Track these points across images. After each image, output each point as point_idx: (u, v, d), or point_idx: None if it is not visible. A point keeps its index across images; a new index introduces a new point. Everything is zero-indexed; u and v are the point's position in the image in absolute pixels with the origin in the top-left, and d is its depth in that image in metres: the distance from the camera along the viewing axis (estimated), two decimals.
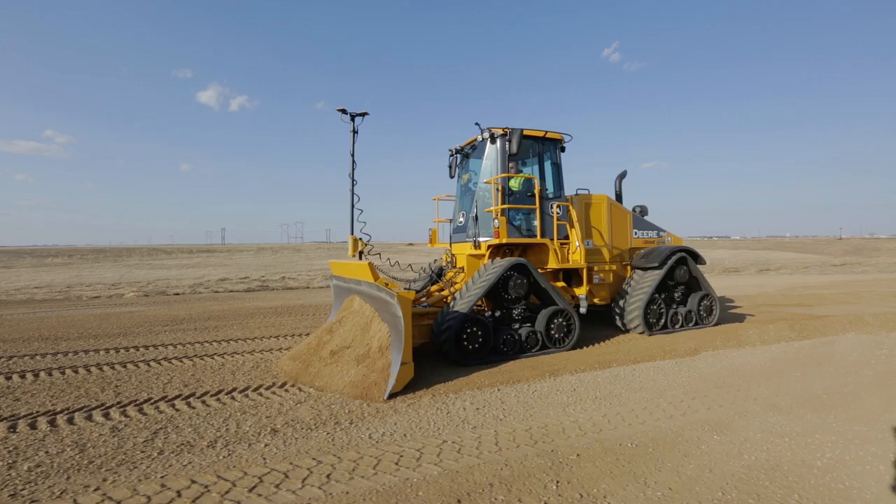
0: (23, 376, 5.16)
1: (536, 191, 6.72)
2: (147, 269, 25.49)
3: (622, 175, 8.33)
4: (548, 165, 7.31)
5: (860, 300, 11.09)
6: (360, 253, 6.21)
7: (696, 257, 7.99)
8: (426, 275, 7.85)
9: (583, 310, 6.70)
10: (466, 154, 7.74)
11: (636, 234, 7.99)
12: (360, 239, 6.27)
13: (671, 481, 2.84)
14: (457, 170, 8.01)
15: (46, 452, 3.24)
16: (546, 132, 7.06)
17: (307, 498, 2.63)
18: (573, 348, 6.33)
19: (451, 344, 5.41)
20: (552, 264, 6.71)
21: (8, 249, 75.92)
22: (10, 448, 3.32)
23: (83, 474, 2.93)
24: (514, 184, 6.79)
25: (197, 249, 64.67)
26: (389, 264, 7.63)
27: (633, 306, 7.07)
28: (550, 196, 7.11)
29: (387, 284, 4.80)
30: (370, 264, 5.19)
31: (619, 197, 8.17)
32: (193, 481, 2.82)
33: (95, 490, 2.73)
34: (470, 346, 5.56)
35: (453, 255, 7.63)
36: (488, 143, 6.94)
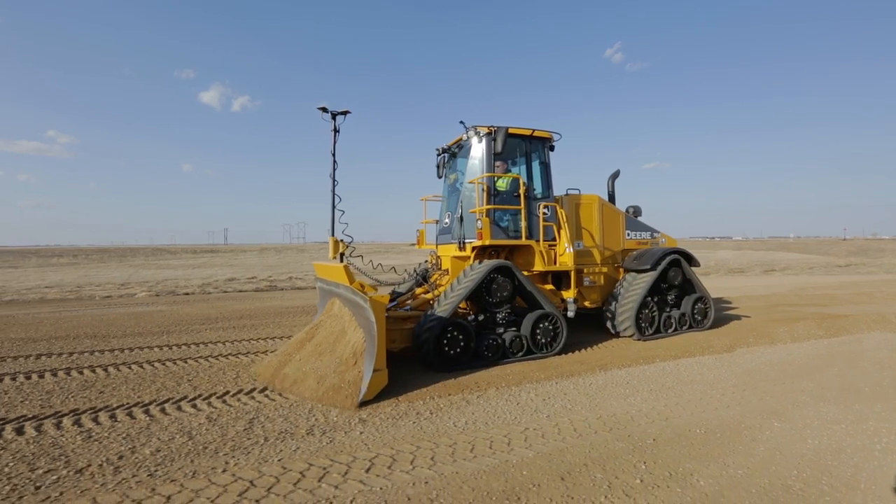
0: (93, 371, 5.39)
1: (522, 191, 6.49)
2: (153, 269, 25.68)
3: (615, 175, 8.11)
4: (535, 165, 7.10)
5: (873, 300, 11.37)
6: (342, 255, 6.09)
7: (690, 259, 7.78)
8: (412, 277, 7.61)
9: (570, 314, 6.45)
10: (453, 153, 7.54)
11: (629, 235, 7.75)
12: (342, 241, 6.13)
13: (747, 462, 3.10)
14: (444, 169, 7.80)
15: (159, 439, 3.48)
16: (533, 130, 6.78)
17: (423, 478, 2.88)
18: (559, 353, 6.08)
19: (431, 349, 5.21)
20: (538, 266, 6.48)
21: (11, 249, 75.92)
22: (123, 435, 3.56)
23: (204, 458, 3.17)
24: (501, 184, 6.55)
25: (200, 249, 64.78)
26: (372, 266, 7.49)
27: (625, 310, 6.82)
28: (538, 196, 6.87)
29: (362, 287, 4.58)
30: (345, 266, 4.96)
31: (611, 197, 7.94)
32: (310, 464, 3.07)
33: (223, 471, 2.98)
34: (451, 351, 5.34)
35: (438, 256, 7.45)
36: (474, 141, 6.74)
